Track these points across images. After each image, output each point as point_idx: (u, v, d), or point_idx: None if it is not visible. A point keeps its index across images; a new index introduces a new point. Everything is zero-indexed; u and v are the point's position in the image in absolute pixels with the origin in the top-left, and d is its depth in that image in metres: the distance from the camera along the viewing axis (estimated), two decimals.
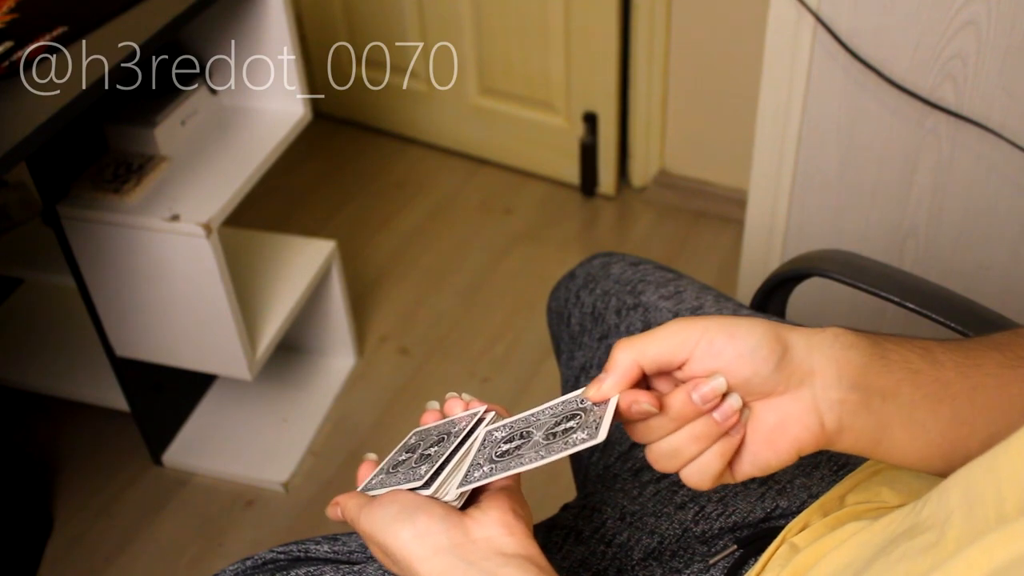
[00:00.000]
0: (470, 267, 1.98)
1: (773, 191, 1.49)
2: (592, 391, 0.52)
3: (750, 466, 0.52)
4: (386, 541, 0.53)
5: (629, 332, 0.86)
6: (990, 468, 0.41)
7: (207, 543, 1.49)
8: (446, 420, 0.61)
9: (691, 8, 1.89)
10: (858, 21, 1.28)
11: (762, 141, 1.45)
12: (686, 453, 0.51)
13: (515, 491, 0.55)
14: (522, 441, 0.54)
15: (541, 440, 0.52)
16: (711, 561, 0.70)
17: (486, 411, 0.59)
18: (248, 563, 0.71)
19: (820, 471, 0.71)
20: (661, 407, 0.50)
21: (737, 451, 0.51)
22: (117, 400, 1.51)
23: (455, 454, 0.56)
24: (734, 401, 0.50)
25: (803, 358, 0.50)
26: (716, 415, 0.50)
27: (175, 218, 1.27)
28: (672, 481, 0.75)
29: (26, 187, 1.50)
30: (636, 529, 0.73)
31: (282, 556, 0.71)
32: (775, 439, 0.51)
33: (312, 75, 2.34)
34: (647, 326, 0.86)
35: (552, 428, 0.53)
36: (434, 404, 0.63)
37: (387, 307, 1.89)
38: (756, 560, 0.68)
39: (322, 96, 2.38)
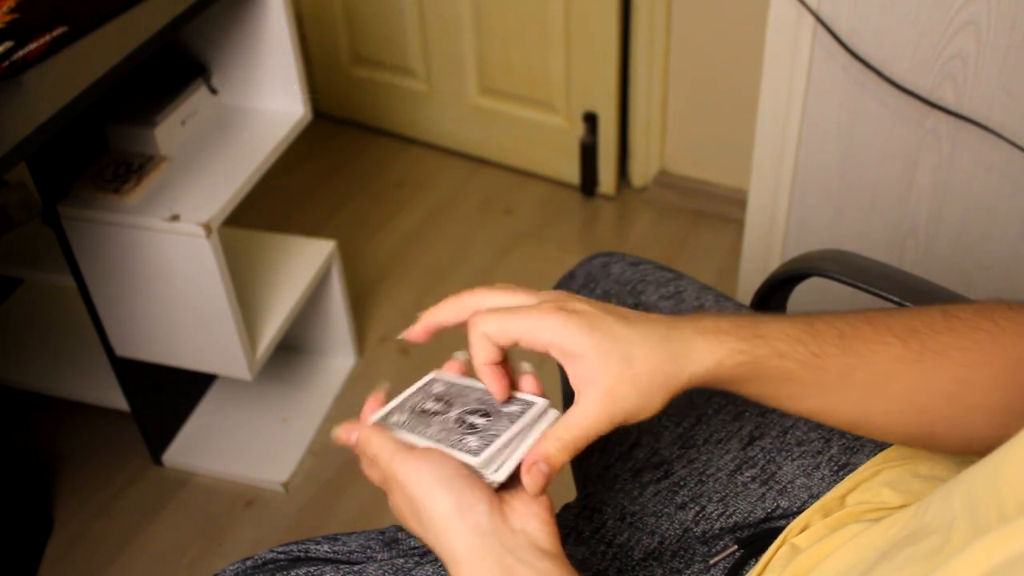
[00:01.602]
0: (470, 267, 1.98)
1: (773, 191, 1.49)
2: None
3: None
4: (422, 501, 0.52)
5: None
6: (991, 472, 0.41)
7: (207, 543, 1.49)
8: (483, 391, 0.59)
9: (691, 8, 1.89)
10: (858, 21, 1.28)
11: (762, 141, 1.46)
12: None
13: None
14: None
15: None
16: (711, 561, 0.70)
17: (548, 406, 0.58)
18: (248, 563, 0.71)
19: (821, 471, 0.71)
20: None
21: None
22: (117, 400, 1.51)
23: (517, 440, 0.55)
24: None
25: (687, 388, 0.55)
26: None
27: (175, 218, 1.27)
28: (672, 482, 0.75)
29: (26, 187, 1.50)
30: (636, 529, 0.73)
31: (282, 556, 0.71)
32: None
33: (312, 75, 2.34)
34: None
35: None
36: (462, 354, 0.62)
37: (387, 307, 1.89)
38: (756, 560, 0.68)
39: (322, 96, 2.38)
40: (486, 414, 0.57)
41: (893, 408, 0.56)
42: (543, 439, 0.53)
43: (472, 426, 0.56)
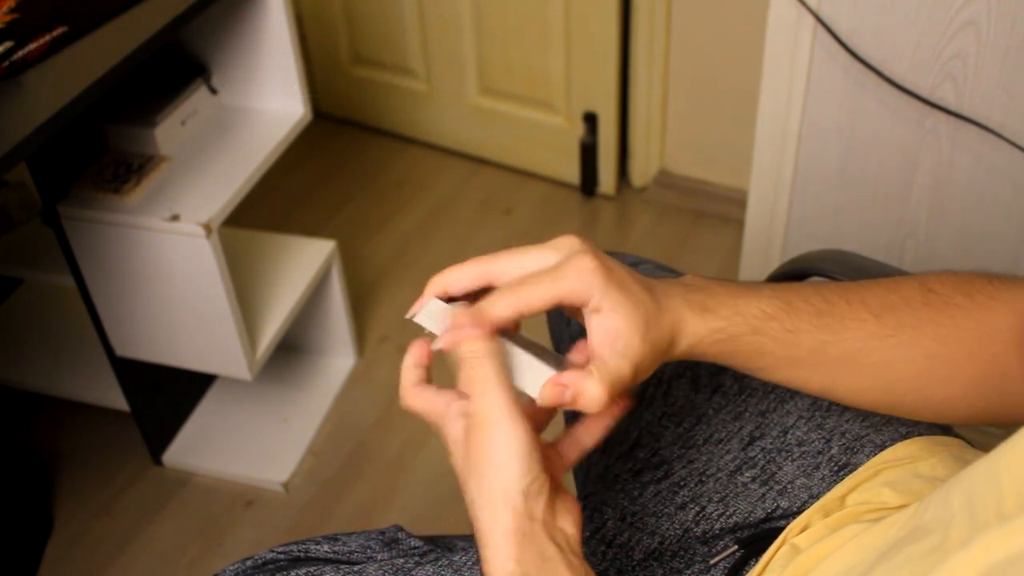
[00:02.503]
0: None
1: (773, 191, 1.49)
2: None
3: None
4: (498, 467, 0.50)
5: None
6: (991, 470, 0.41)
7: (207, 543, 1.49)
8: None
9: (691, 8, 1.89)
10: (858, 21, 1.28)
11: (762, 141, 1.45)
12: None
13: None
14: None
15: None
16: (712, 562, 0.70)
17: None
18: (248, 563, 0.71)
19: (821, 471, 0.71)
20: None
21: None
22: (117, 400, 1.51)
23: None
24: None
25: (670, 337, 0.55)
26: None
27: (175, 218, 1.27)
28: (673, 482, 0.75)
29: (26, 187, 1.50)
30: (637, 530, 0.73)
31: (282, 556, 0.71)
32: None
33: (312, 75, 2.33)
34: None
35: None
36: None
37: (387, 307, 1.89)
38: (757, 561, 0.68)
39: (322, 96, 2.38)
40: (550, 354, 0.56)
41: (863, 382, 0.58)
42: (591, 378, 0.52)
43: (543, 351, 0.55)
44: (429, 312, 0.56)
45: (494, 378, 0.51)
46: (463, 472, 0.52)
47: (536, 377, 0.53)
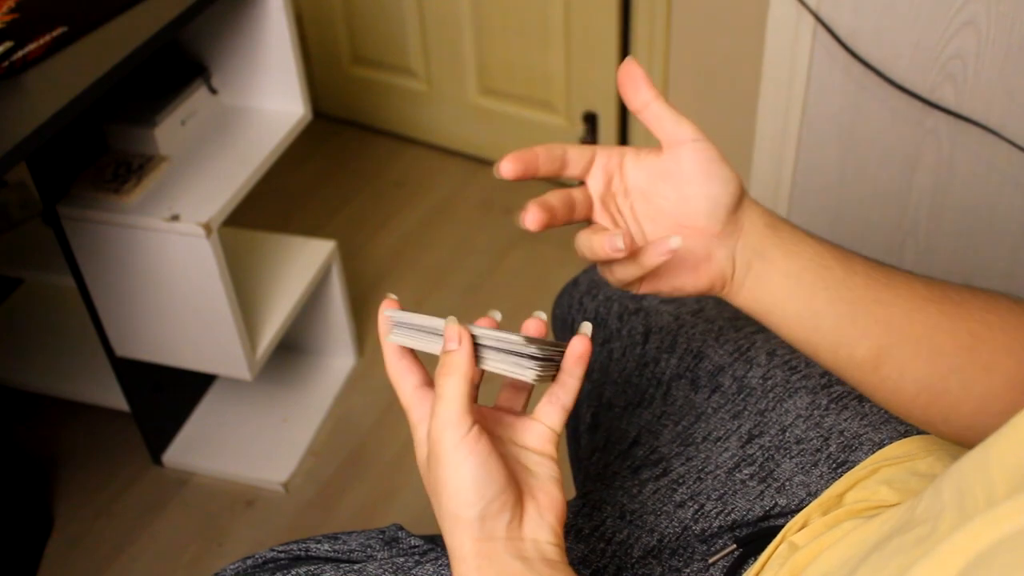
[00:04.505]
0: (470, 267, 1.98)
1: (773, 191, 1.49)
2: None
3: (667, 285, 0.59)
4: (452, 493, 0.50)
5: (630, 336, 0.87)
6: (981, 459, 0.41)
7: (207, 543, 1.49)
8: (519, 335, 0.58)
9: (691, 8, 1.89)
10: (858, 21, 1.28)
11: (762, 141, 1.46)
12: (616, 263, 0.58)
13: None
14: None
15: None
16: (711, 560, 0.70)
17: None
18: (248, 562, 0.71)
19: (819, 469, 0.71)
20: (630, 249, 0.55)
21: (660, 269, 0.58)
22: (117, 400, 1.51)
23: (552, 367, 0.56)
24: (674, 243, 0.55)
25: (742, 216, 0.57)
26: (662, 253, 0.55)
27: (175, 218, 1.27)
28: (671, 479, 0.75)
29: (26, 187, 1.50)
30: (635, 527, 0.73)
31: (282, 555, 0.71)
32: (697, 270, 0.58)
33: (312, 75, 2.34)
34: (647, 330, 0.86)
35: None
36: (496, 314, 0.61)
37: None
38: (755, 559, 0.68)
39: (322, 96, 2.38)
40: (530, 341, 0.56)
41: (910, 349, 0.57)
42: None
43: (528, 338, 0.55)
44: (400, 327, 0.56)
45: (454, 399, 0.51)
46: (428, 492, 0.54)
47: (519, 361, 0.54)
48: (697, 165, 0.56)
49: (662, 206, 0.58)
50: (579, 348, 0.56)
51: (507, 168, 0.55)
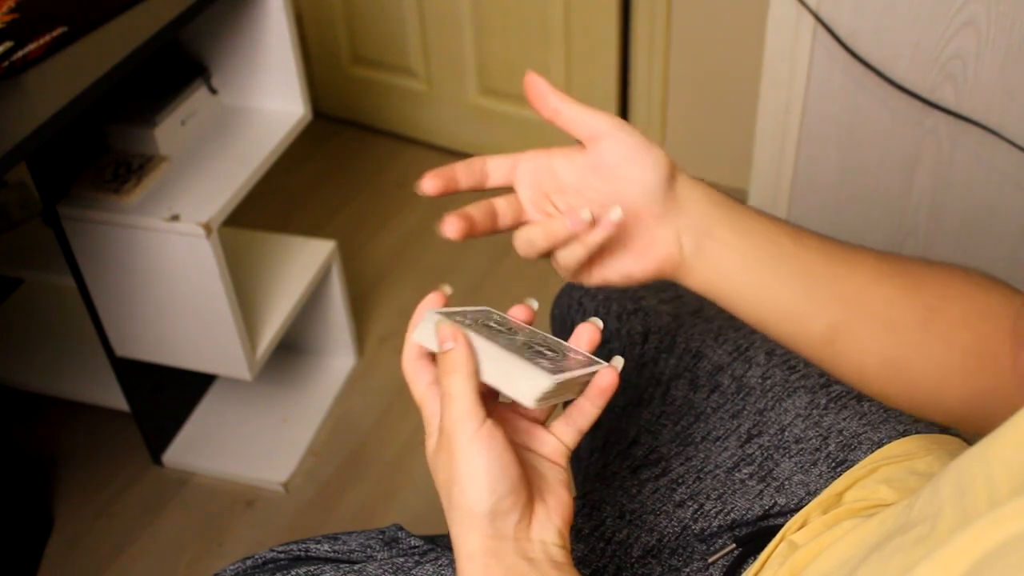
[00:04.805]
0: (470, 267, 1.98)
1: (773, 191, 1.49)
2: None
3: (615, 272, 0.59)
4: (464, 487, 0.50)
5: (629, 336, 0.87)
6: (981, 457, 0.41)
7: (207, 543, 1.49)
8: (546, 335, 0.58)
9: (691, 8, 1.89)
10: (858, 21, 1.28)
11: (762, 141, 1.46)
12: (559, 245, 0.57)
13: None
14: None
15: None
16: (710, 560, 0.70)
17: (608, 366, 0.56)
18: (248, 563, 0.71)
19: (818, 468, 0.72)
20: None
21: (605, 256, 0.58)
22: (117, 400, 1.51)
23: (575, 385, 0.55)
24: (614, 216, 0.55)
25: (681, 195, 0.57)
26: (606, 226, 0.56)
27: (175, 218, 1.27)
28: (671, 479, 0.75)
29: (26, 187, 1.50)
30: (635, 527, 0.73)
31: (282, 556, 0.71)
32: (642, 254, 0.58)
33: (312, 75, 2.34)
34: (646, 329, 0.86)
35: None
36: (534, 302, 0.61)
37: (387, 307, 1.89)
38: (755, 559, 0.68)
39: (322, 96, 2.38)
40: (552, 350, 0.55)
41: (868, 327, 0.57)
42: None
43: (540, 354, 0.54)
44: (425, 328, 0.56)
45: (463, 395, 0.51)
46: (437, 486, 0.53)
47: (530, 384, 0.50)
48: (620, 155, 0.57)
49: (596, 199, 0.58)
50: (605, 380, 0.55)
51: (428, 185, 0.57)
